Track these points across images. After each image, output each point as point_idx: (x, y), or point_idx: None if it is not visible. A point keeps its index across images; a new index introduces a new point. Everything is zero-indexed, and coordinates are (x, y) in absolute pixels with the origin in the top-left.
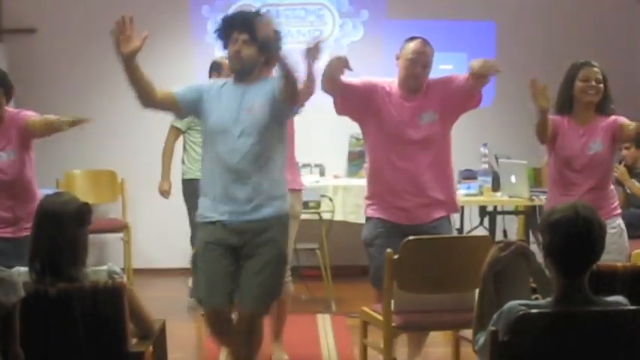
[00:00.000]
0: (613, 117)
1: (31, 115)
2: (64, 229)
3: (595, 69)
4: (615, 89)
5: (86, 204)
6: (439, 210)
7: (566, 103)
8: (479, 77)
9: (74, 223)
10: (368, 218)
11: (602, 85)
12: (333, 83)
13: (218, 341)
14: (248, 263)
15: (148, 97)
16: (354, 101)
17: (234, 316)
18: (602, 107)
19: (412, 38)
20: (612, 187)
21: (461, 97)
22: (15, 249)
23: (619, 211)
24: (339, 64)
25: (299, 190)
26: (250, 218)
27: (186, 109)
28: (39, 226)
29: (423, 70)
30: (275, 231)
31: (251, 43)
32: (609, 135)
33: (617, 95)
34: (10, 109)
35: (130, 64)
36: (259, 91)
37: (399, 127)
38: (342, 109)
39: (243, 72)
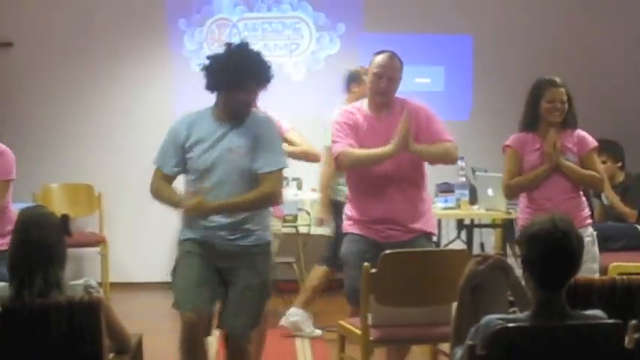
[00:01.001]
0: (581, 135)
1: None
2: (43, 241)
3: (560, 89)
4: (589, 102)
5: (66, 215)
6: (413, 231)
7: (532, 121)
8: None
9: (54, 235)
10: (345, 234)
11: (566, 106)
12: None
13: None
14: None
15: None
16: None
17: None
18: (567, 123)
19: (379, 52)
20: (582, 196)
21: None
22: None
23: (590, 220)
24: None
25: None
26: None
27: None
28: (18, 239)
29: (388, 84)
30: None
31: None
32: (576, 150)
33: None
34: None
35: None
36: (242, 134)
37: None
38: None
39: (239, 117)
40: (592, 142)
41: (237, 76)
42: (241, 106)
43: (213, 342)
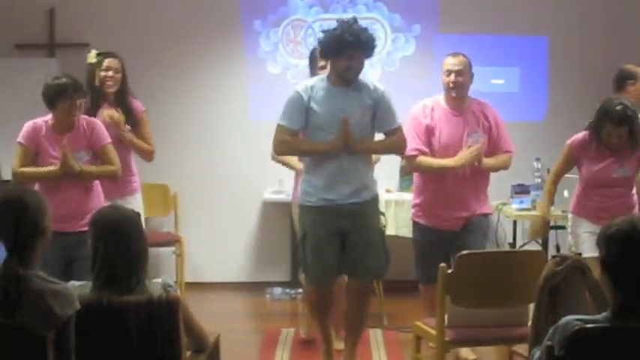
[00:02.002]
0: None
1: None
2: (123, 241)
3: (621, 129)
4: None
5: (137, 213)
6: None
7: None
8: None
9: (133, 233)
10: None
11: (623, 140)
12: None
13: (320, 316)
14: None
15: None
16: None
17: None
18: (632, 143)
19: (448, 54)
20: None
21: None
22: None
23: None
24: None
25: None
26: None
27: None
28: (99, 239)
29: (458, 78)
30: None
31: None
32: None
33: None
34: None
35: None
36: (360, 99)
37: (448, 140)
38: None
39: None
40: None
41: (343, 44)
42: (346, 72)
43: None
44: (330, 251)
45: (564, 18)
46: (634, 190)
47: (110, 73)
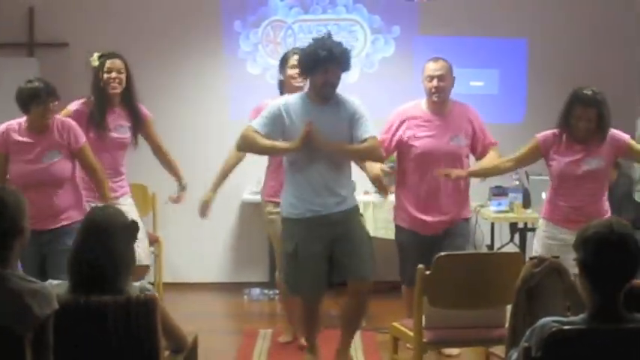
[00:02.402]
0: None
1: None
2: (109, 242)
3: (589, 110)
4: None
5: (135, 222)
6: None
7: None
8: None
9: (122, 239)
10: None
11: (592, 124)
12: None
13: (307, 328)
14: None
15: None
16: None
17: None
18: (601, 130)
19: (429, 59)
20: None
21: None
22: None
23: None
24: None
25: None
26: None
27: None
28: (85, 238)
29: (440, 83)
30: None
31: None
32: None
33: None
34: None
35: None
36: (337, 111)
37: (430, 144)
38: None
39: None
40: (624, 136)
41: (319, 59)
42: (323, 87)
43: None
44: (322, 268)
45: (543, 20)
46: (605, 197)
47: (113, 75)
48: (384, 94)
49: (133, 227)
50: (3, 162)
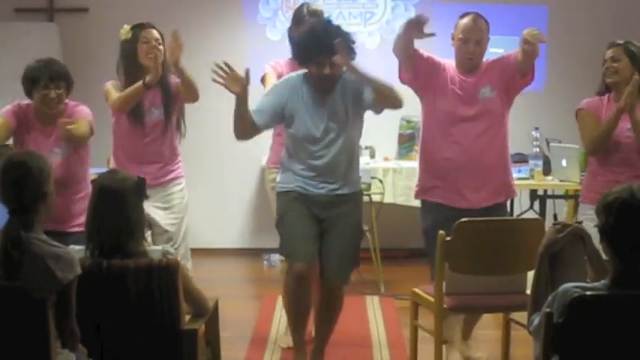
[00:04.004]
0: None
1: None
2: (122, 205)
3: (612, 49)
4: None
5: (141, 179)
6: (496, 195)
7: (604, 85)
8: (528, 46)
9: (132, 199)
10: (423, 202)
11: (619, 65)
12: (406, 45)
13: (296, 305)
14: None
15: (245, 134)
16: (420, 72)
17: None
18: None
19: (464, 15)
20: None
21: (516, 73)
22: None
23: None
24: (419, 23)
25: None
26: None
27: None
28: (97, 203)
29: (476, 48)
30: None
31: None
32: None
33: None
34: (70, 102)
35: (243, 100)
36: (341, 96)
37: (456, 103)
38: (405, 76)
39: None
40: None
41: (305, 52)
42: (317, 80)
43: None
44: (307, 226)
45: None
46: None
47: (154, 43)
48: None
49: (142, 185)
50: (7, 133)
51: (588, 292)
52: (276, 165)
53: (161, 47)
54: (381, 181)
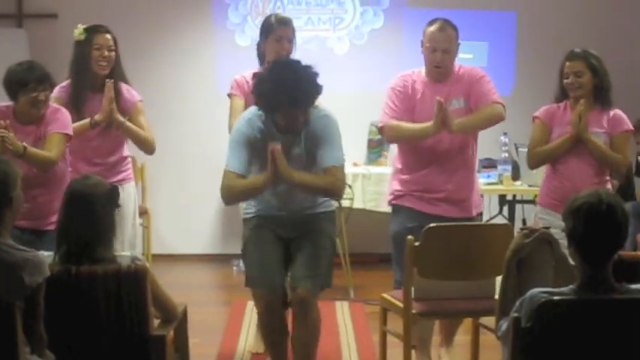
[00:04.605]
0: (617, 115)
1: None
2: (94, 212)
3: (575, 62)
4: (636, 77)
5: (115, 187)
6: (468, 209)
7: (561, 93)
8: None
9: (104, 206)
10: (395, 207)
11: (583, 80)
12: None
13: (270, 333)
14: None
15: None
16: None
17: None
18: (597, 99)
19: (432, 22)
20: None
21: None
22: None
23: None
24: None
25: None
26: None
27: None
28: (69, 208)
29: (444, 56)
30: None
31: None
32: (609, 130)
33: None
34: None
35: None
36: (303, 139)
37: (430, 112)
38: None
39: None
40: (626, 124)
41: (273, 101)
42: (286, 128)
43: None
44: (273, 251)
45: None
46: (608, 177)
47: (105, 53)
48: (373, 65)
49: (115, 193)
50: None
51: (556, 297)
52: None
53: (113, 54)
54: (350, 186)
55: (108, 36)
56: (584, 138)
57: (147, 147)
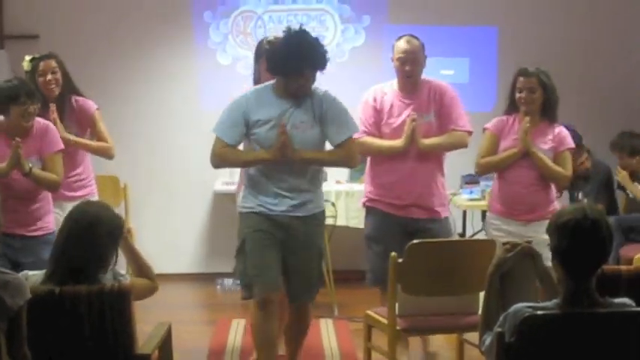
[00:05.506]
0: (562, 133)
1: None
2: (96, 240)
3: (529, 79)
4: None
5: (129, 229)
6: (436, 211)
7: (512, 107)
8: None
9: (107, 236)
10: (368, 208)
11: (535, 96)
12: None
13: (263, 336)
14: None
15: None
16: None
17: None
18: (544, 115)
19: (399, 37)
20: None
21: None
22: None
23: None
24: None
25: None
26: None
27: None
28: (71, 232)
29: (412, 68)
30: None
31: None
32: (554, 145)
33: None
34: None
35: (266, 162)
36: (305, 111)
37: (399, 124)
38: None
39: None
40: (569, 142)
41: (293, 64)
42: (298, 90)
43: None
44: (271, 253)
45: (513, 8)
46: (553, 187)
47: (49, 77)
48: (354, 83)
49: (120, 226)
50: None
51: (539, 312)
52: None
53: (58, 76)
54: (333, 204)
55: (51, 61)
56: (530, 152)
57: (104, 155)
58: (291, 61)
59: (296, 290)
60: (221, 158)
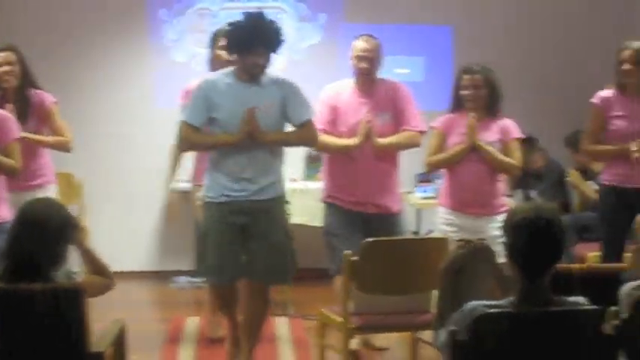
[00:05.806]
0: (506, 124)
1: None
2: (48, 237)
3: (474, 76)
4: (570, 92)
5: (71, 216)
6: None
7: (457, 104)
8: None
9: (60, 233)
10: (326, 204)
11: (481, 92)
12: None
13: (227, 313)
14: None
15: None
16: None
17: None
18: (489, 110)
19: (358, 37)
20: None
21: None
22: None
23: (504, 209)
24: None
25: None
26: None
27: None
28: (20, 231)
29: (370, 67)
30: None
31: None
32: (501, 137)
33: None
34: None
35: (236, 144)
36: (267, 93)
37: (355, 122)
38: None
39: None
40: (516, 132)
41: (249, 40)
42: (254, 69)
43: None
44: (233, 247)
45: (468, 7)
46: (501, 181)
47: (6, 68)
48: (311, 81)
49: (71, 224)
50: None
51: (493, 310)
52: (200, 182)
53: (16, 69)
54: (287, 202)
55: (8, 53)
56: (477, 146)
57: (61, 149)
58: (247, 37)
59: (256, 268)
60: (188, 141)
